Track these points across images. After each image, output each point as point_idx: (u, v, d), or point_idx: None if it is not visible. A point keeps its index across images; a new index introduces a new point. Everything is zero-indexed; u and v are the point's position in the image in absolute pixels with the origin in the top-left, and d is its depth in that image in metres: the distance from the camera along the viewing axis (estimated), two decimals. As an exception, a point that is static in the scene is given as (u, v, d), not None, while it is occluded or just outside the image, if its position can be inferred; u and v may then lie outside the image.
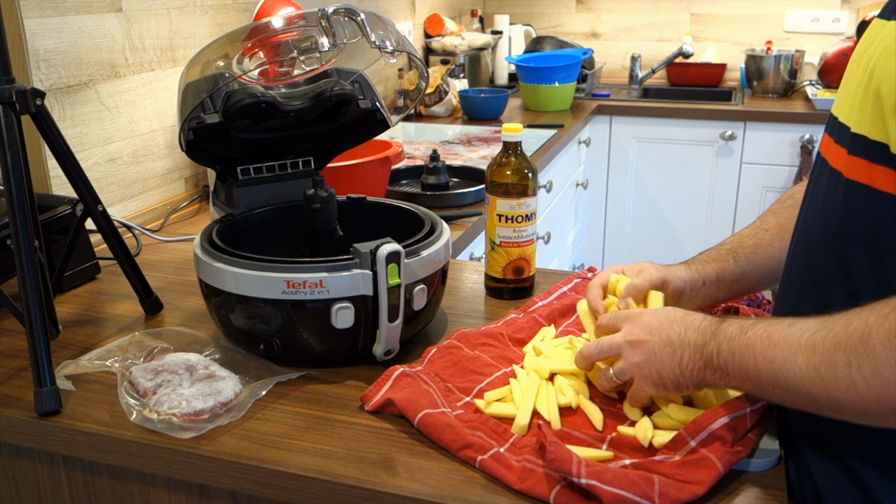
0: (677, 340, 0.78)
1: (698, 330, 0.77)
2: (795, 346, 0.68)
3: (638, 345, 0.80)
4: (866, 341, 0.63)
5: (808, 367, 0.67)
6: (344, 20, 0.98)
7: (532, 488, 0.72)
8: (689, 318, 0.79)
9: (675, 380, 0.78)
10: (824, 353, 0.66)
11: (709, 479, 0.71)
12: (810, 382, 0.67)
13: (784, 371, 0.69)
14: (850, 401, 0.65)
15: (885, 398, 0.63)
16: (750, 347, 0.72)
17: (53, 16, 1.36)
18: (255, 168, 1.12)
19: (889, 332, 0.62)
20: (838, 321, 0.67)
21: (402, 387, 0.86)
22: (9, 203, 0.92)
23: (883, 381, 0.62)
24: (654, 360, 0.79)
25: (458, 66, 2.93)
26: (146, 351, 1.00)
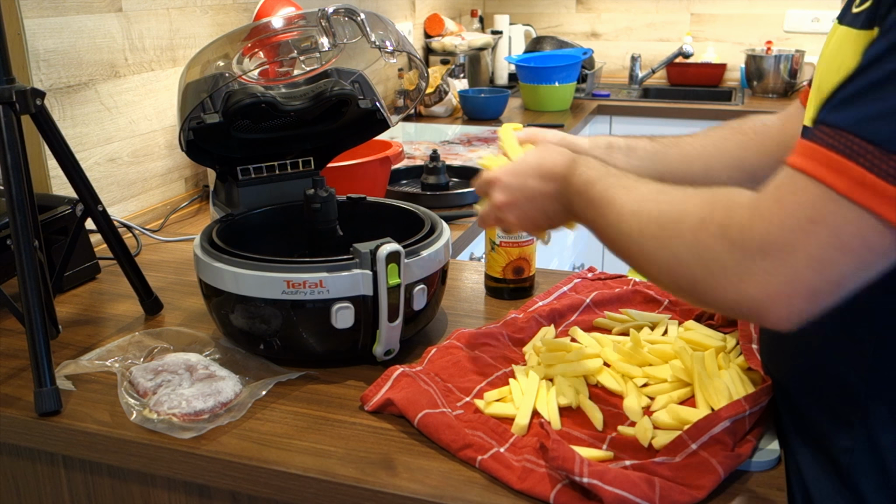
0: (538, 195, 0.85)
1: (552, 178, 0.84)
2: (624, 210, 0.73)
3: (506, 207, 0.87)
4: (680, 221, 0.66)
5: (629, 232, 0.72)
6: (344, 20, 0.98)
7: (532, 488, 0.72)
8: (541, 165, 0.85)
9: (549, 223, 0.88)
10: (642, 223, 0.70)
11: (709, 484, 0.71)
12: (628, 245, 0.72)
13: (615, 233, 0.74)
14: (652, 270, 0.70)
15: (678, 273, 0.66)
16: (591, 203, 0.77)
17: (53, 16, 1.36)
18: (255, 168, 1.12)
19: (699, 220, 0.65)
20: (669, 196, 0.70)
21: (402, 387, 0.86)
22: (9, 203, 0.92)
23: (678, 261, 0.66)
24: (526, 217, 0.87)
25: (458, 66, 2.93)
26: (146, 351, 1.00)
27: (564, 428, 0.82)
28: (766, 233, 0.60)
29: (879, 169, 0.56)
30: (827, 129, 0.59)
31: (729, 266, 0.62)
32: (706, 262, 0.63)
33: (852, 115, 0.58)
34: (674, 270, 0.67)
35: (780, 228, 0.59)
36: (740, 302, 0.62)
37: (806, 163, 0.60)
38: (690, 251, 0.65)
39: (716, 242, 0.63)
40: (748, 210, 0.62)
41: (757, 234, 0.60)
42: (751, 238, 0.61)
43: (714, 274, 0.63)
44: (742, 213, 0.62)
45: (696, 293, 0.65)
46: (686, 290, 0.66)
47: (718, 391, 0.83)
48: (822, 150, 0.59)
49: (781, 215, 0.60)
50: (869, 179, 0.56)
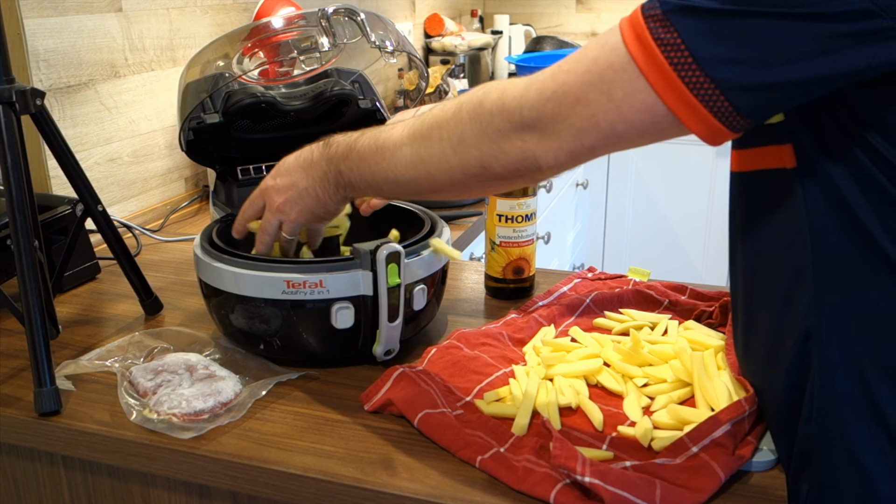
0: (305, 184, 0.86)
1: (313, 164, 0.86)
2: (399, 141, 0.76)
3: (281, 208, 0.89)
4: (457, 114, 0.71)
5: (412, 155, 0.74)
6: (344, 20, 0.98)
7: (532, 488, 0.72)
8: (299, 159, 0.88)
9: (325, 210, 0.88)
10: (422, 136, 0.73)
11: (710, 487, 0.71)
12: (414, 168, 0.74)
13: (392, 167, 0.76)
14: (442, 173, 0.72)
15: (467, 163, 0.70)
16: (362, 159, 0.79)
17: (53, 16, 1.36)
18: (255, 168, 1.12)
19: (475, 105, 0.69)
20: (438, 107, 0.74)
21: (402, 387, 0.86)
22: (9, 203, 0.92)
23: (466, 147, 0.70)
24: (304, 210, 0.88)
25: (458, 66, 2.93)
26: (146, 351, 1.00)
27: (564, 428, 0.82)
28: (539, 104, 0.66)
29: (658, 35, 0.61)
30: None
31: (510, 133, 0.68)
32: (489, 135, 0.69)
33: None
34: (463, 159, 0.70)
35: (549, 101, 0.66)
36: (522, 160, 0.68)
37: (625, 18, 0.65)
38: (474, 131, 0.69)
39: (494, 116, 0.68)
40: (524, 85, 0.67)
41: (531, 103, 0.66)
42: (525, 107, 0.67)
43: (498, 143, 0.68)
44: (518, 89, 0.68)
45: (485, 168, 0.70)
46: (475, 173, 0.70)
47: (718, 391, 0.83)
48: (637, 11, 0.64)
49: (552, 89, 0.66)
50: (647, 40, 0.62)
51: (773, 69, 0.59)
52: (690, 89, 0.61)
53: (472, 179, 0.72)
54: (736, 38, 0.59)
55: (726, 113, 0.61)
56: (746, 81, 0.60)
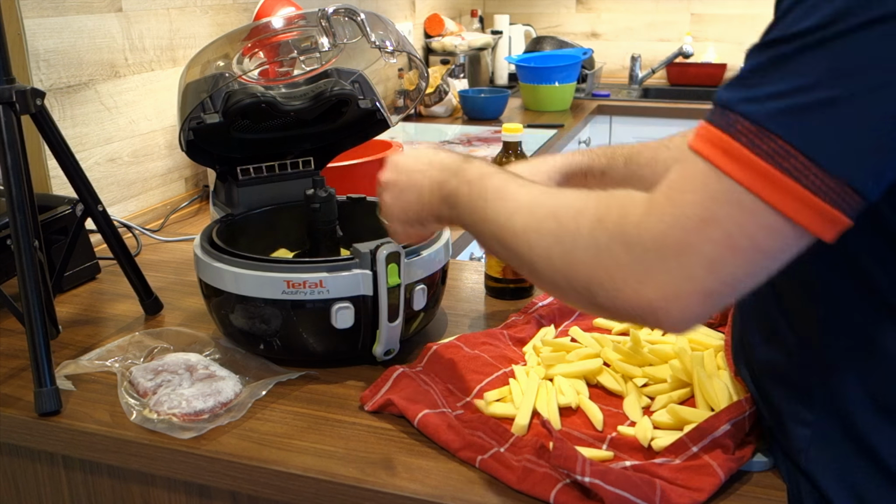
0: (419, 176, 0.81)
1: (442, 167, 0.79)
2: (518, 206, 0.69)
3: (389, 185, 0.84)
4: (576, 219, 0.64)
5: (522, 230, 0.68)
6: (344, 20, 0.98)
7: (532, 488, 0.72)
8: (437, 156, 0.81)
9: (417, 213, 0.82)
10: (538, 219, 0.67)
11: (710, 487, 0.71)
12: (518, 244, 0.68)
13: (503, 228, 0.70)
14: (544, 269, 0.66)
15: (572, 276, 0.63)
16: (482, 197, 0.73)
17: (53, 16, 1.36)
18: (255, 168, 1.12)
19: (596, 216, 0.62)
20: (565, 195, 0.67)
21: (402, 387, 0.86)
22: (9, 203, 0.92)
23: (575, 260, 0.63)
24: (400, 197, 0.82)
25: (458, 66, 2.93)
26: (146, 351, 1.00)
27: (564, 428, 0.82)
28: (662, 233, 0.58)
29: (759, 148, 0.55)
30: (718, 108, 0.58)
31: (627, 267, 0.60)
32: (603, 262, 0.61)
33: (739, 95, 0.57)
34: (569, 270, 0.64)
35: (673, 227, 0.58)
36: (637, 305, 0.60)
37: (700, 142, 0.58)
38: (588, 250, 0.62)
39: (613, 242, 0.61)
40: (644, 209, 0.60)
41: (652, 234, 0.59)
42: (647, 238, 0.59)
43: (611, 274, 0.61)
44: (638, 212, 0.60)
45: (591, 294, 0.62)
46: (580, 290, 0.63)
47: (718, 391, 0.83)
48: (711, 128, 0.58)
49: (675, 213, 0.58)
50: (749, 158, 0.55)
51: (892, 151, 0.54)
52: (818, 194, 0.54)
53: (575, 294, 0.64)
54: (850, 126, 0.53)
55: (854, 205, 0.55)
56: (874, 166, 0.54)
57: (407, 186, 0.82)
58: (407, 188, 0.82)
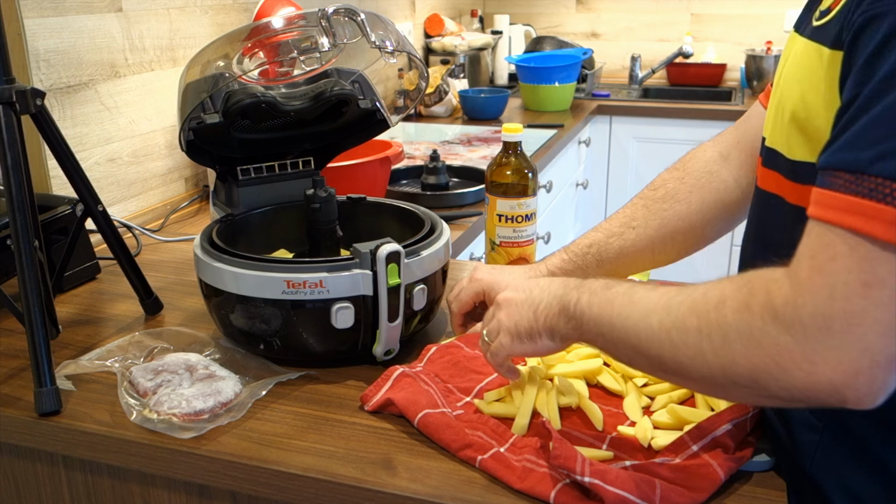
0: (538, 292, 0.78)
1: (562, 283, 0.77)
2: (652, 307, 0.66)
3: (504, 302, 0.81)
4: (720, 310, 0.60)
5: (661, 329, 0.64)
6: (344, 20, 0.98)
7: (532, 488, 0.72)
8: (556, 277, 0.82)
9: (528, 328, 0.77)
10: (677, 317, 0.63)
11: (710, 487, 0.71)
12: (660, 344, 0.64)
13: (638, 330, 0.66)
14: (696, 368, 0.62)
15: (731, 370, 0.59)
16: (609, 302, 0.70)
17: (53, 16, 1.36)
18: (255, 168, 1.12)
19: (741, 304, 0.59)
20: (698, 288, 0.64)
21: (402, 387, 0.86)
22: (9, 203, 0.92)
23: (730, 353, 0.59)
24: (514, 313, 0.79)
25: (458, 66, 2.93)
26: (146, 351, 1.00)
27: (564, 428, 0.82)
28: (821, 307, 0.54)
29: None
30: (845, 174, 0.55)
31: (793, 350, 0.55)
32: (765, 349, 0.57)
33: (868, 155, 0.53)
34: (728, 365, 0.59)
35: (832, 299, 0.54)
36: (814, 387, 0.55)
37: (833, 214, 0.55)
38: (743, 340, 0.58)
39: (768, 326, 0.57)
40: (789, 286, 0.56)
41: (810, 309, 0.54)
42: (805, 315, 0.55)
43: (777, 361, 0.56)
44: (784, 291, 0.56)
45: (759, 386, 0.58)
46: (745, 384, 0.59)
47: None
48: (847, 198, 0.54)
49: (829, 283, 0.54)
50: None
51: None
52: None
53: (738, 388, 0.61)
54: None
55: None
56: None
57: (523, 301, 0.79)
58: (523, 303, 0.79)
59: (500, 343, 0.80)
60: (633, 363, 0.70)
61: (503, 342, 0.80)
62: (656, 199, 1.00)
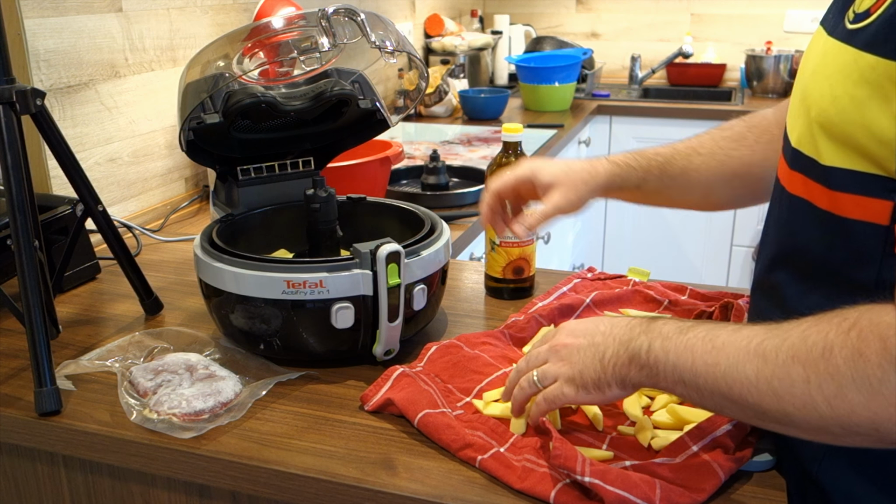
0: (601, 338, 0.74)
1: (626, 327, 0.73)
2: (743, 354, 0.63)
3: (562, 347, 0.76)
4: (828, 359, 0.58)
5: (759, 378, 0.62)
6: (344, 20, 0.98)
7: (532, 488, 0.72)
8: (616, 318, 0.76)
9: (595, 378, 0.73)
10: (778, 365, 0.61)
11: (710, 487, 0.71)
12: (760, 394, 0.62)
13: (729, 379, 0.63)
14: (806, 418, 0.60)
15: (848, 420, 0.58)
16: (688, 349, 0.66)
17: (53, 16, 1.36)
18: (255, 168, 1.12)
19: (853, 352, 0.57)
20: (793, 332, 0.62)
21: (402, 387, 0.86)
22: (9, 203, 0.92)
23: (847, 403, 0.57)
24: (576, 360, 0.74)
25: (458, 66, 2.93)
26: (146, 351, 1.00)
27: (564, 428, 0.82)
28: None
29: None
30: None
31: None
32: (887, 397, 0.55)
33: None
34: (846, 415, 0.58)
35: None
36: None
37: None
38: (862, 390, 0.56)
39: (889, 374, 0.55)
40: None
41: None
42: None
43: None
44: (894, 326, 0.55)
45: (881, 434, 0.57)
46: (865, 433, 0.58)
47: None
48: None
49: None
50: None
51: None
52: None
53: (856, 437, 0.59)
54: None
55: None
56: None
57: (585, 347, 0.74)
58: (585, 349, 0.74)
59: (560, 392, 0.75)
60: (725, 411, 0.67)
61: (566, 392, 0.75)
62: (725, 138, 0.97)
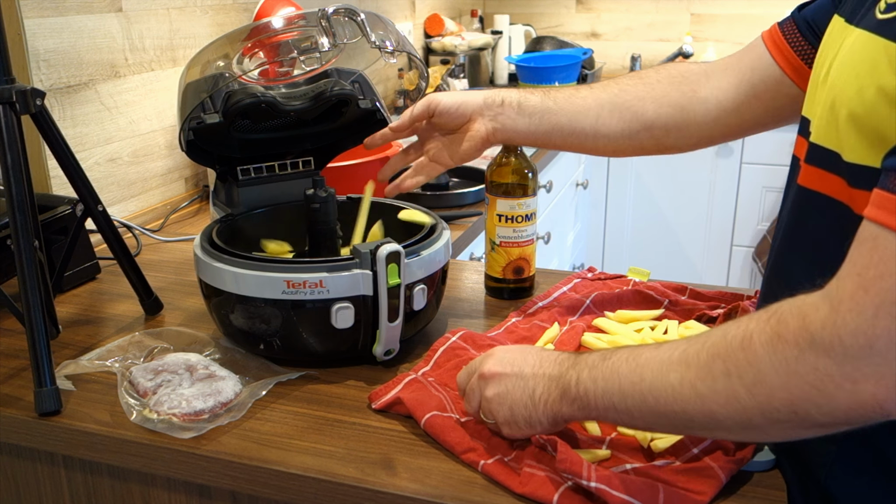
0: (530, 373, 0.73)
1: (555, 362, 0.73)
2: (666, 364, 0.63)
3: (490, 378, 0.76)
4: (747, 347, 0.58)
5: (683, 384, 0.62)
6: (344, 20, 0.98)
7: (534, 492, 0.72)
8: (545, 352, 0.76)
9: (527, 416, 0.73)
10: (700, 366, 0.61)
11: (711, 491, 0.71)
12: (685, 400, 0.62)
13: (655, 392, 0.63)
14: (730, 414, 0.60)
15: (768, 406, 0.58)
16: (614, 372, 0.67)
17: (53, 16, 1.36)
18: (255, 168, 1.12)
19: (771, 336, 0.58)
20: (713, 334, 0.62)
21: (413, 389, 0.86)
22: (9, 203, 0.92)
23: (766, 388, 0.58)
24: (505, 396, 0.74)
25: (458, 66, 2.93)
26: (146, 351, 1.00)
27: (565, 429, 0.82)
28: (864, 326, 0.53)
29: None
30: None
31: (833, 372, 0.55)
32: (804, 378, 0.56)
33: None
34: (764, 402, 0.58)
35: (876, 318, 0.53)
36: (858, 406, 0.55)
37: (886, 215, 0.53)
38: (780, 372, 0.57)
39: (805, 353, 0.56)
40: (828, 307, 0.55)
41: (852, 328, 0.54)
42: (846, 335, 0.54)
43: (819, 387, 0.55)
44: (822, 314, 0.55)
45: (800, 416, 0.57)
46: (785, 418, 0.58)
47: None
48: None
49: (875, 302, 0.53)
50: None
51: None
52: None
53: (776, 424, 0.59)
54: None
55: None
56: None
57: (513, 382, 0.74)
58: (513, 384, 0.74)
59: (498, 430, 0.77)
60: (655, 427, 0.67)
61: (503, 432, 0.77)
62: (625, 75, 1.02)
